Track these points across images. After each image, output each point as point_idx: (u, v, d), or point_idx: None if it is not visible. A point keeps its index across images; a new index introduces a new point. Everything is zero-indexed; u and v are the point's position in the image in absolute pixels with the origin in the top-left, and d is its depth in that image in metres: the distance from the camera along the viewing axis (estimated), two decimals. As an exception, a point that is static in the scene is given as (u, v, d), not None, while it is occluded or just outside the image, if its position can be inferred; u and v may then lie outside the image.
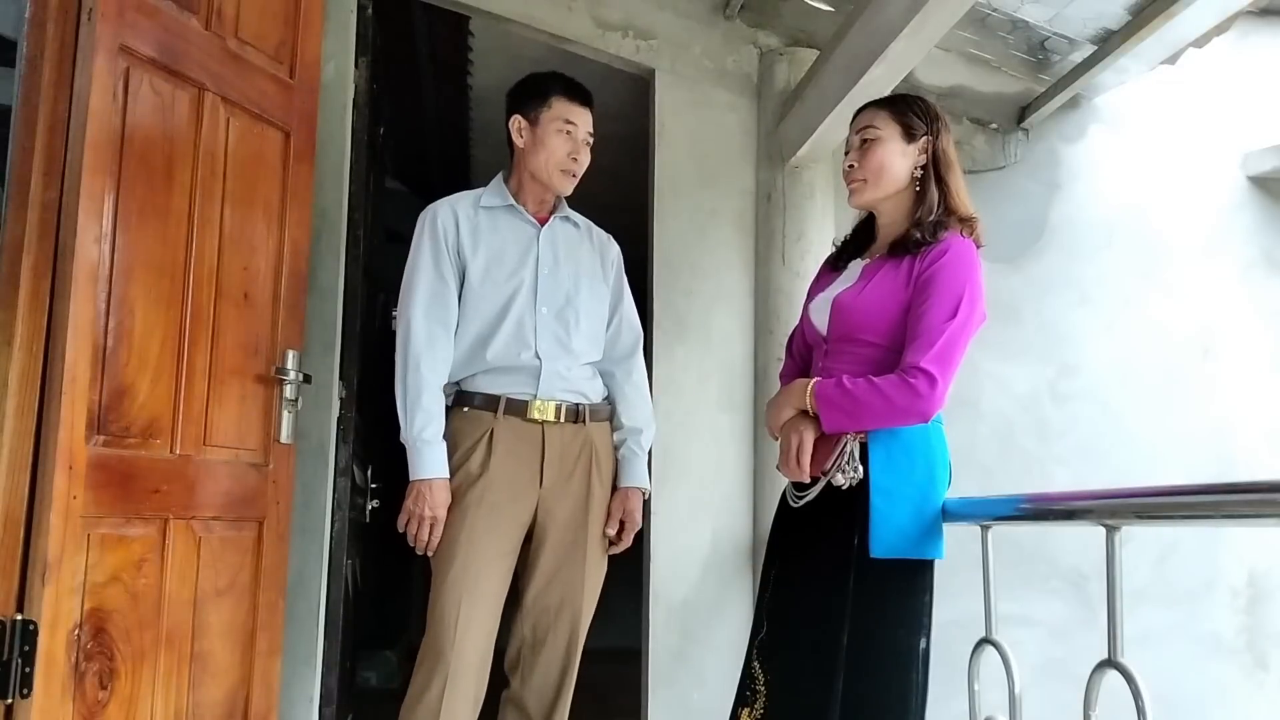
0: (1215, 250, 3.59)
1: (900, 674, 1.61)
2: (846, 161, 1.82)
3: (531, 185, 2.11)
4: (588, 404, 2.07)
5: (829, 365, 1.75)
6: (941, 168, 1.75)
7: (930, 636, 1.64)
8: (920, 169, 1.75)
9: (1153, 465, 3.32)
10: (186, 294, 1.89)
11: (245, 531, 2.05)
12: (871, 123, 1.77)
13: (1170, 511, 1.37)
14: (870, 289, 1.72)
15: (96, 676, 1.68)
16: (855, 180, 1.79)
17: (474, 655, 1.92)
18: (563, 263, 2.11)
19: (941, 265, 1.64)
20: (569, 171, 2.09)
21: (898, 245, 1.72)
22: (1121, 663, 1.32)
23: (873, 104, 1.84)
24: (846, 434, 1.64)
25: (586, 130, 2.10)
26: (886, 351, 1.68)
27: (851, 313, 1.72)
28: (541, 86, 2.10)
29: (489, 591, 1.95)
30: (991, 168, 3.41)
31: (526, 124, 2.09)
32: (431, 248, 2.04)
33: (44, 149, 1.65)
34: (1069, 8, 2.92)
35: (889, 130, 1.75)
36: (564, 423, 2.03)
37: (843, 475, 1.63)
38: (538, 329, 2.03)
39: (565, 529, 2.02)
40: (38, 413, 1.61)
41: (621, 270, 2.25)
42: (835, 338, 1.75)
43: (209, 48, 1.96)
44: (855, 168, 1.78)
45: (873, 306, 1.69)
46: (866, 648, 1.60)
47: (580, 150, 2.09)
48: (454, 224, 2.06)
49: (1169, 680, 2.82)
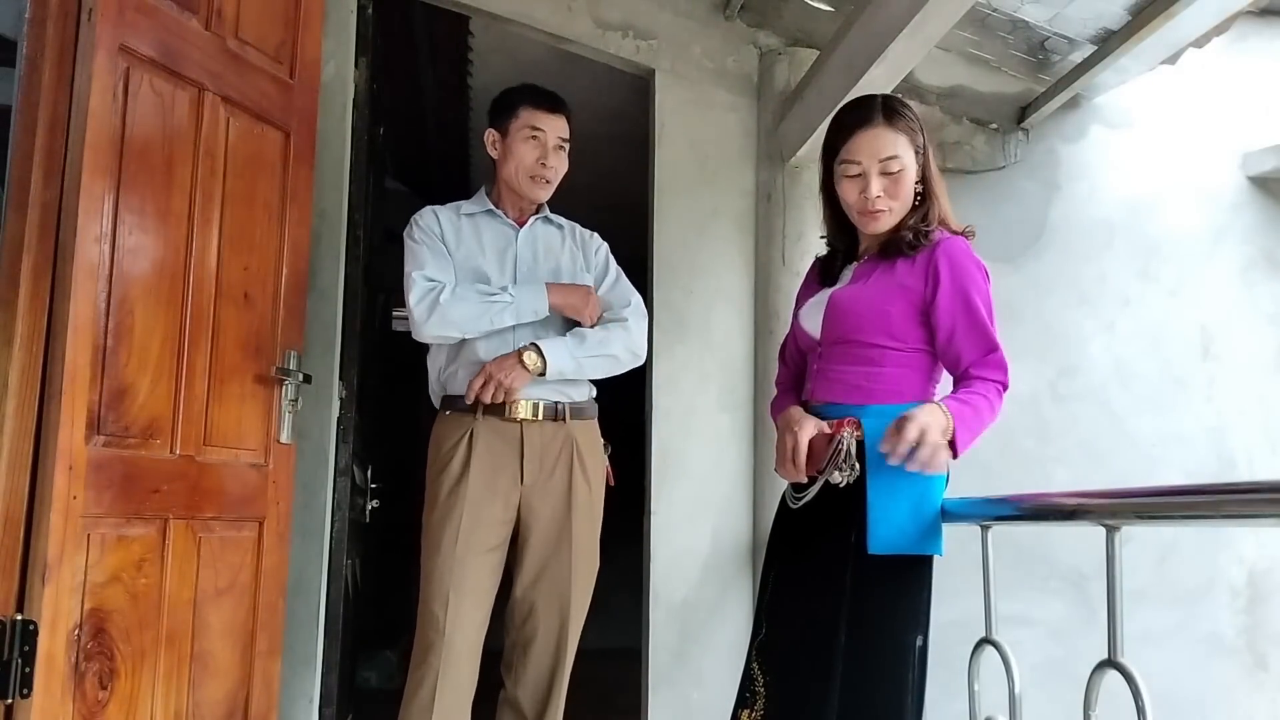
0: (1215, 250, 3.58)
1: (896, 672, 1.60)
2: (873, 191, 1.68)
3: (508, 194, 2.17)
4: (568, 402, 2.08)
5: (825, 368, 1.74)
6: (932, 181, 1.74)
7: (928, 635, 1.63)
8: (919, 182, 1.73)
9: (1153, 465, 3.32)
10: (186, 294, 1.89)
11: (245, 531, 2.05)
12: (895, 153, 1.69)
13: (1170, 511, 1.37)
14: (866, 289, 1.71)
15: (96, 676, 1.68)
16: (881, 211, 1.70)
17: (464, 647, 1.95)
18: (541, 261, 2.15)
19: (954, 263, 1.65)
20: (539, 177, 2.12)
21: (889, 248, 1.72)
22: (1121, 663, 1.32)
23: (883, 123, 1.70)
24: (844, 432, 1.64)
25: (558, 136, 2.14)
26: (885, 350, 1.67)
27: (848, 314, 1.71)
28: (511, 98, 2.16)
29: (475, 586, 1.97)
30: (991, 168, 3.41)
31: (499, 136, 2.15)
32: (425, 238, 2.10)
33: (44, 149, 1.65)
34: (1069, 8, 2.92)
35: (908, 156, 1.70)
36: (543, 421, 2.05)
37: (840, 473, 1.62)
38: (515, 329, 2.05)
39: (549, 526, 2.05)
40: (38, 413, 1.61)
41: (608, 258, 2.26)
42: (830, 340, 1.74)
43: (209, 48, 1.96)
44: (882, 197, 1.69)
45: (871, 306, 1.69)
46: (863, 645, 1.60)
47: (550, 155, 2.12)
48: (438, 225, 2.12)
49: (1169, 680, 2.82)
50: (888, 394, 1.67)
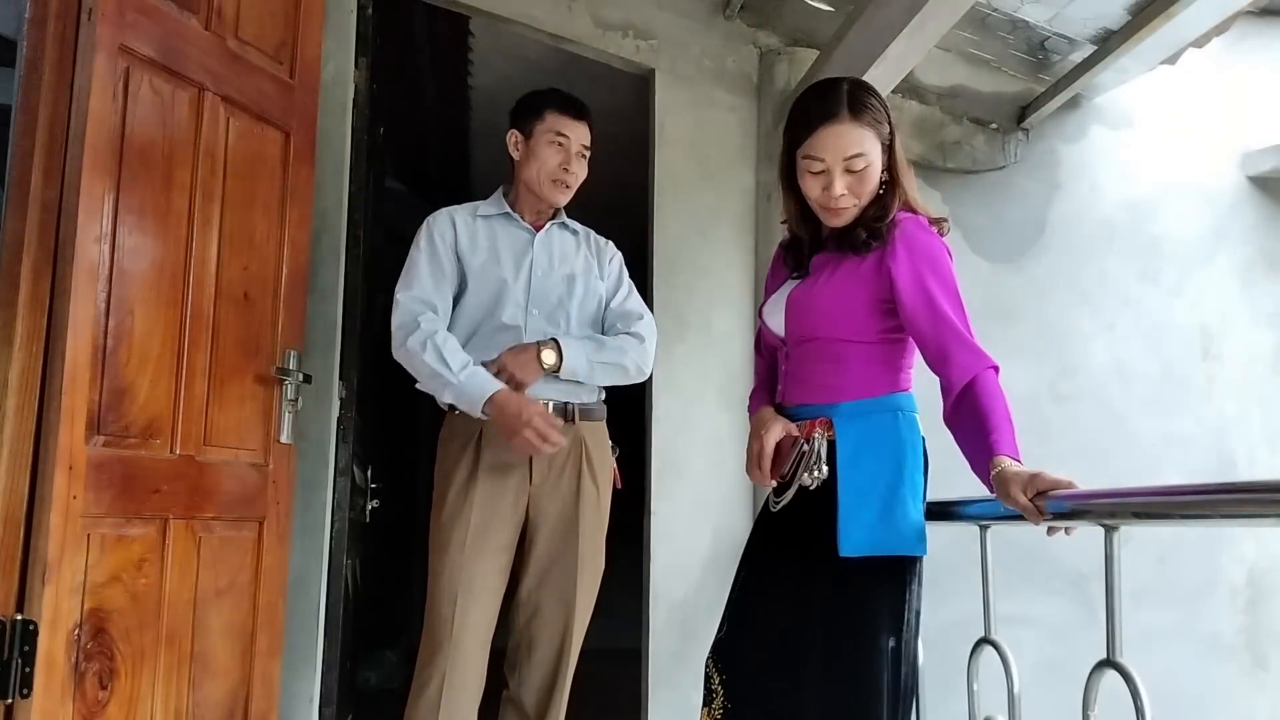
0: (1215, 250, 3.59)
1: (864, 673, 1.56)
2: (836, 190, 1.62)
3: (527, 196, 2.16)
4: (578, 404, 2.08)
5: (792, 370, 1.72)
6: (898, 170, 1.67)
7: (903, 636, 1.58)
8: (885, 172, 1.67)
9: (1153, 465, 3.33)
10: (186, 294, 1.89)
11: (245, 531, 2.05)
12: (861, 150, 1.62)
13: (1170, 511, 1.37)
14: (823, 285, 1.67)
15: (96, 676, 1.68)
16: (845, 207, 1.64)
17: (472, 646, 1.94)
18: (557, 267, 2.14)
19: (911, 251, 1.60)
20: (561, 182, 2.12)
21: (844, 242, 1.67)
22: (1121, 663, 1.32)
23: (849, 118, 1.61)
24: (814, 433, 1.63)
25: (580, 143, 2.14)
26: (849, 344, 1.64)
27: (808, 312, 1.68)
28: (536, 101, 2.15)
29: (484, 585, 1.97)
30: (991, 168, 3.41)
31: (522, 137, 2.14)
32: (428, 248, 2.09)
33: (44, 149, 1.65)
34: (1069, 8, 2.92)
35: (874, 152, 1.63)
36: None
37: (809, 476, 1.61)
38: (527, 329, 2.06)
39: (556, 527, 2.04)
40: (38, 413, 1.61)
41: (623, 269, 2.26)
42: (795, 339, 1.71)
43: (209, 48, 1.96)
44: (846, 195, 1.62)
45: (830, 303, 1.65)
46: (832, 647, 1.58)
47: (572, 162, 2.12)
48: (452, 230, 2.11)
49: (1168, 680, 2.82)
50: (858, 389, 1.64)
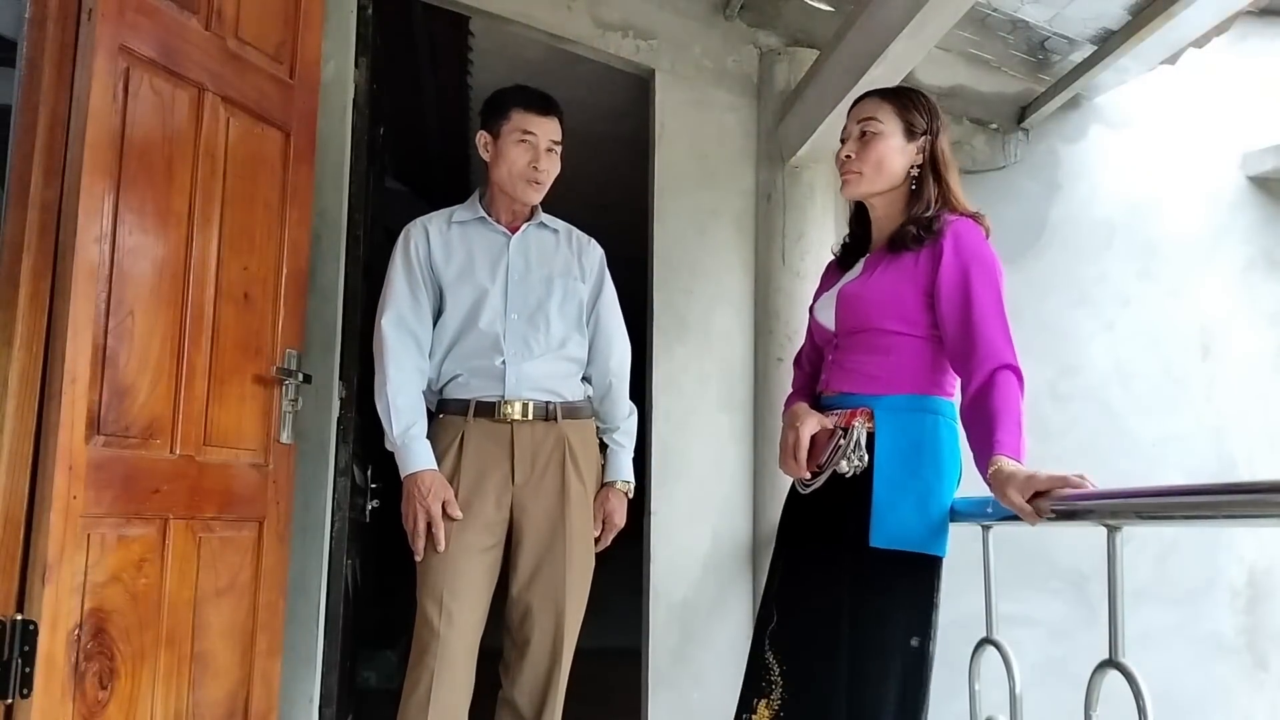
0: (1215, 250, 3.58)
1: (886, 670, 1.57)
2: (843, 151, 1.76)
3: (501, 198, 2.16)
4: (560, 402, 2.09)
5: (840, 359, 1.75)
6: (941, 166, 1.74)
7: (929, 637, 1.61)
8: (917, 167, 1.73)
9: (1153, 465, 3.32)
10: (186, 294, 1.89)
11: (245, 531, 2.05)
12: (875, 115, 1.74)
13: (1171, 511, 1.37)
14: (876, 279, 1.72)
15: (96, 676, 1.68)
16: (851, 172, 1.75)
17: (459, 646, 1.95)
18: (534, 268, 2.15)
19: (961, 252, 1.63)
20: (532, 180, 2.12)
21: (895, 241, 1.71)
22: (1122, 663, 1.32)
23: (876, 94, 1.79)
24: (855, 421, 1.65)
25: (550, 139, 2.13)
26: (898, 336, 1.68)
27: (860, 301, 1.72)
28: (501, 100, 2.15)
29: (469, 586, 1.98)
30: (991, 168, 3.41)
31: (490, 138, 2.14)
32: (404, 265, 2.11)
33: (44, 149, 1.65)
34: (1069, 8, 2.92)
35: (891, 125, 1.72)
36: (533, 421, 2.06)
37: (847, 463, 1.63)
38: (507, 334, 2.07)
39: (542, 526, 2.05)
40: (38, 413, 1.61)
41: (604, 271, 2.26)
42: (845, 330, 1.75)
43: (209, 48, 1.96)
44: (852, 159, 1.74)
45: (882, 294, 1.69)
46: (859, 640, 1.59)
47: (542, 159, 2.11)
48: (425, 241, 2.12)
49: (1169, 680, 2.82)
50: (902, 384, 1.67)
